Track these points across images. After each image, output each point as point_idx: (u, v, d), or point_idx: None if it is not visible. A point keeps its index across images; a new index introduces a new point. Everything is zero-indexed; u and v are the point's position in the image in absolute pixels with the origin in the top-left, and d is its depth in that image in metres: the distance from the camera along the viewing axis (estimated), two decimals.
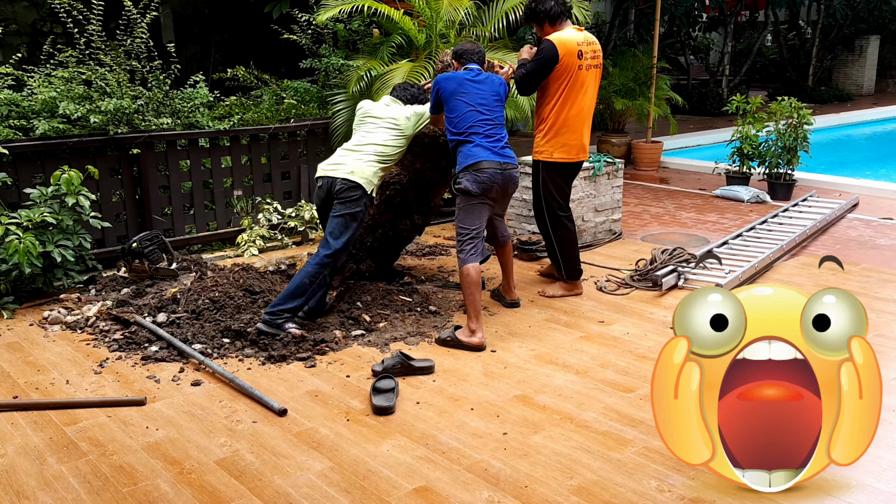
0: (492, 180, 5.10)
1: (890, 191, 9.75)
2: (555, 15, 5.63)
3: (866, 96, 21.77)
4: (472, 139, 5.15)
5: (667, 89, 12.00)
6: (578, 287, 6.00)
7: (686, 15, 17.33)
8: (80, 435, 3.90)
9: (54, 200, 5.82)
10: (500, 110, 5.32)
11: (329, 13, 7.67)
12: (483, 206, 5.20)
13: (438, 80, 5.36)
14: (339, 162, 5.25)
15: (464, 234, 5.17)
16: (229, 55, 12.94)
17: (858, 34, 21.78)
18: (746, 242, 7.14)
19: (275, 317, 4.99)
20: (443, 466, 3.59)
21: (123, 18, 7.00)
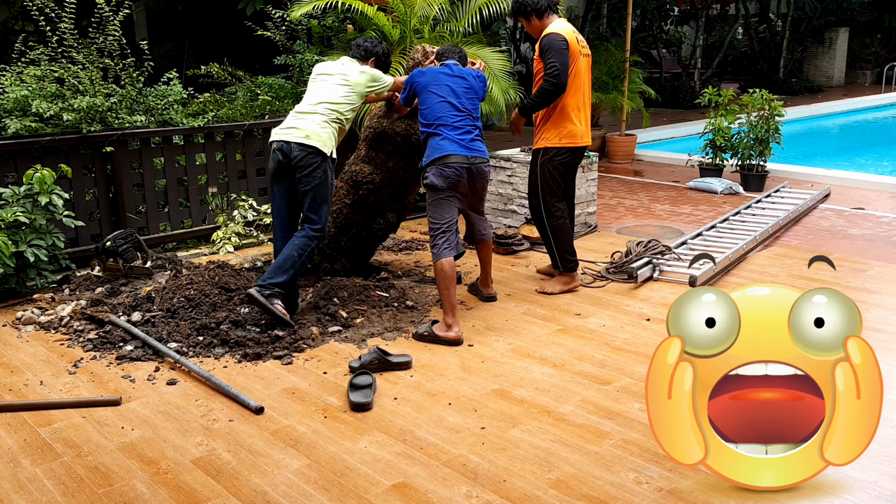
0: (458, 174, 5.11)
1: (861, 181, 9.87)
2: (542, 8, 5.67)
3: (836, 88, 21.98)
4: (440, 132, 5.15)
5: (640, 83, 12.06)
6: (576, 280, 5.99)
7: (658, 9, 17.42)
8: (54, 436, 3.87)
9: (27, 200, 5.77)
10: (472, 104, 5.30)
11: (303, 9, 7.65)
12: (451, 200, 5.20)
13: (413, 73, 5.36)
14: (293, 126, 5.16)
15: (435, 229, 5.18)
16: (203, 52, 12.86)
17: (828, 27, 21.98)
18: (720, 234, 7.20)
19: (264, 289, 4.98)
20: (421, 462, 3.60)
21: (96, 16, 6.94)
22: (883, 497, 3.35)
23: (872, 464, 3.55)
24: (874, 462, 3.57)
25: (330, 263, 5.95)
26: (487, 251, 5.69)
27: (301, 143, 5.06)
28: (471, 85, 5.32)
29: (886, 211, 8.42)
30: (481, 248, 5.67)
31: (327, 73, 5.39)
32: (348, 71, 5.36)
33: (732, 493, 3.37)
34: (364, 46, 5.56)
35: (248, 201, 7.39)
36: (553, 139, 5.69)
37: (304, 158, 5.07)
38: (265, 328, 5.04)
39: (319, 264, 5.89)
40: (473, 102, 5.32)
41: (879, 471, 3.51)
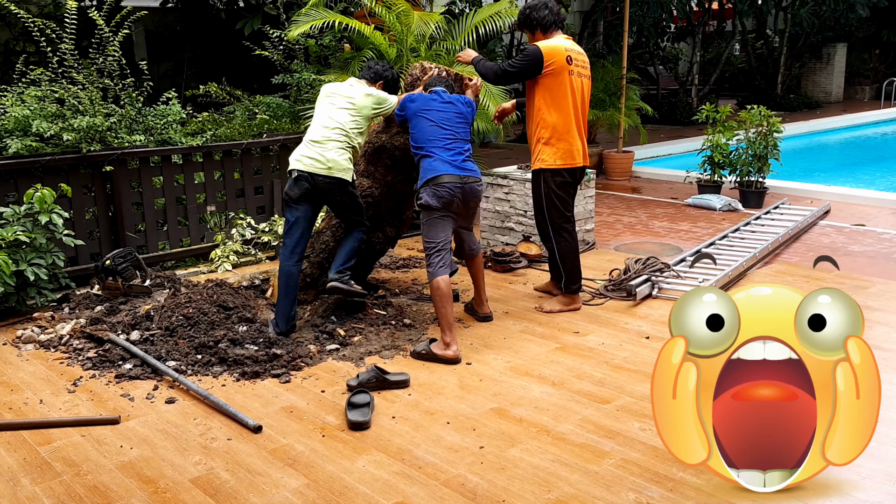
0: (451, 194, 5.14)
1: (861, 197, 9.88)
2: (547, 24, 5.70)
3: (835, 103, 22.05)
4: (432, 153, 5.20)
5: (637, 99, 12.10)
6: (577, 301, 5.98)
7: (654, 26, 17.50)
8: (53, 455, 3.87)
9: (27, 219, 5.78)
10: (462, 128, 5.36)
11: (300, 29, 7.68)
12: (445, 220, 5.23)
13: (404, 99, 5.43)
14: (314, 157, 5.24)
15: (430, 248, 5.21)
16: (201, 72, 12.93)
17: (825, 42, 22.07)
18: (719, 251, 7.20)
19: (342, 274, 5.36)
20: (419, 482, 3.60)
21: (96, 37, 6.98)
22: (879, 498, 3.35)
23: (877, 483, 3.55)
24: (878, 482, 3.56)
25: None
26: (479, 269, 5.66)
27: (326, 176, 5.21)
28: (460, 111, 5.38)
29: (887, 227, 8.43)
30: (471, 265, 5.66)
31: (335, 94, 5.45)
32: (355, 94, 5.42)
33: None
34: (374, 69, 5.64)
35: (247, 220, 7.41)
36: (549, 160, 5.69)
37: (332, 189, 5.28)
38: (263, 346, 5.05)
39: (318, 278, 5.89)
40: (464, 128, 5.38)
41: (884, 490, 3.50)
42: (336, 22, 7.75)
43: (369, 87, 5.52)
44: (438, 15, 8.19)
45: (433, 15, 8.14)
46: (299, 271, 5.38)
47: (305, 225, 5.38)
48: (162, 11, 13.39)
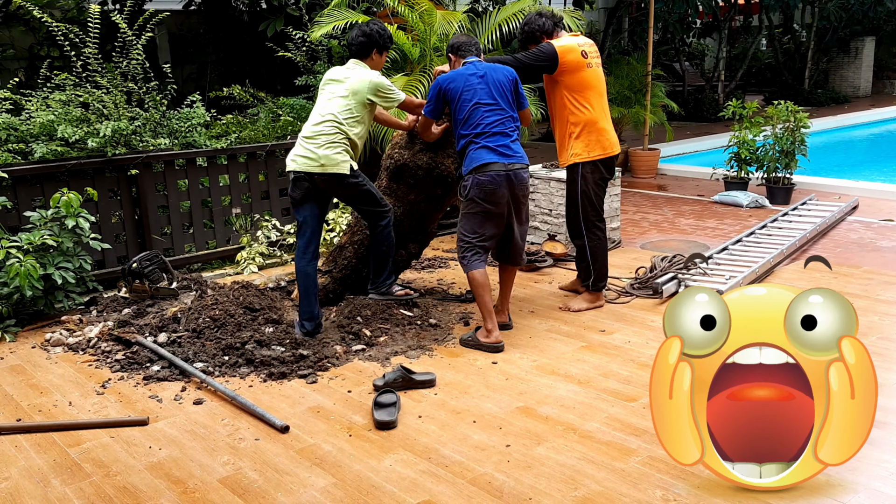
0: (495, 182, 4.99)
1: (890, 192, 9.75)
2: (549, 29, 5.67)
3: (863, 98, 21.80)
4: (478, 140, 5.03)
5: (662, 96, 12.02)
6: (601, 299, 5.97)
7: (680, 21, 17.38)
8: (83, 456, 3.90)
9: (54, 223, 5.84)
10: (506, 102, 5.14)
11: (323, 30, 7.71)
12: (486, 216, 5.08)
13: (441, 80, 5.18)
14: (305, 155, 5.14)
15: (464, 242, 5.12)
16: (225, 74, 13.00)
17: (853, 36, 21.82)
18: (746, 248, 7.14)
19: (379, 287, 5.48)
20: (446, 480, 3.59)
21: (119, 40, 7.03)
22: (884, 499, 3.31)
23: (878, 468, 3.51)
24: (874, 464, 3.52)
25: (353, 294, 5.89)
26: (510, 276, 5.52)
27: (321, 174, 5.13)
28: (499, 81, 5.16)
29: None
30: (504, 270, 5.52)
31: (332, 81, 5.33)
32: (352, 77, 5.25)
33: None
34: (355, 42, 5.33)
35: (272, 221, 7.44)
36: (583, 153, 5.65)
37: (331, 185, 5.20)
38: (290, 347, 5.06)
39: (341, 294, 5.87)
40: (507, 101, 5.15)
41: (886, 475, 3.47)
42: (359, 22, 7.76)
43: (367, 68, 5.32)
44: (461, 14, 8.19)
45: (456, 14, 8.13)
46: (315, 269, 5.37)
47: (315, 223, 5.33)
48: (185, 14, 13.47)
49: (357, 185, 5.26)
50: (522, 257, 5.47)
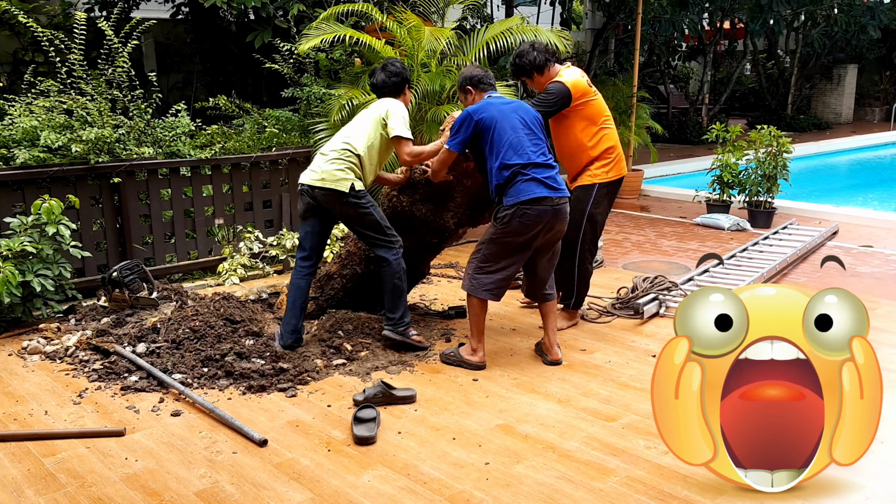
0: (540, 218, 4.80)
1: (869, 218, 9.85)
2: (540, 64, 5.59)
3: (845, 124, 22.04)
4: (527, 172, 4.81)
5: (647, 118, 12.11)
6: (577, 316, 6.01)
7: (665, 44, 17.54)
8: (58, 466, 3.85)
9: (34, 230, 5.79)
10: (543, 134, 5.03)
11: (311, 43, 7.71)
12: (518, 247, 4.91)
13: (470, 110, 4.94)
14: (312, 168, 5.22)
15: (483, 264, 4.96)
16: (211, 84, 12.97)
17: (836, 63, 22.10)
18: (727, 270, 7.18)
19: (397, 325, 5.26)
20: (424, 497, 3.57)
21: (105, 48, 7.01)
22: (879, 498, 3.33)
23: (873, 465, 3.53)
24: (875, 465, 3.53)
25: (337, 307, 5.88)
26: (550, 310, 5.24)
27: (320, 187, 5.12)
28: (534, 114, 5.08)
29: (895, 249, 8.39)
30: (543, 308, 5.25)
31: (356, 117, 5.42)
32: (374, 107, 5.32)
33: None
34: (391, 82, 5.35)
35: (255, 233, 7.41)
36: (601, 175, 5.66)
37: (330, 202, 5.14)
38: (270, 360, 5.03)
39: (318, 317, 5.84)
40: (542, 130, 5.05)
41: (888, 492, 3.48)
42: (347, 36, 7.78)
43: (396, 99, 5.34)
44: (450, 31, 8.21)
45: (444, 30, 8.16)
46: (308, 285, 5.35)
47: (315, 240, 5.34)
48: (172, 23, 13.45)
49: (357, 206, 5.13)
50: (553, 290, 5.29)
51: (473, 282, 5.00)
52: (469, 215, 5.72)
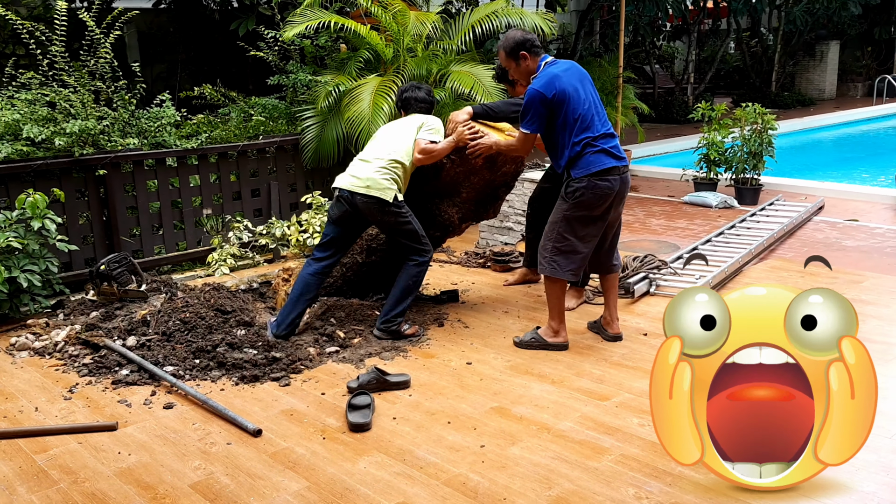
0: (611, 188, 4.78)
1: (854, 192, 9.89)
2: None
3: (828, 100, 22.06)
4: (597, 144, 4.76)
5: (633, 98, 12.08)
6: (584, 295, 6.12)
7: (650, 25, 17.50)
8: (50, 463, 3.83)
9: (19, 224, 5.74)
10: (599, 99, 4.94)
11: (296, 30, 7.66)
12: (594, 221, 4.87)
13: (541, 88, 4.75)
14: (355, 174, 5.21)
15: (560, 244, 4.88)
16: (196, 73, 12.89)
17: (819, 40, 22.10)
18: (716, 247, 7.19)
19: (389, 323, 5.25)
20: (421, 482, 3.57)
21: (87, 39, 6.94)
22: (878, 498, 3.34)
23: (870, 474, 3.55)
24: (872, 472, 3.55)
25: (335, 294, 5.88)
26: (613, 283, 5.30)
27: (362, 194, 5.12)
28: (585, 74, 4.95)
29: (880, 222, 8.42)
30: (606, 280, 5.30)
31: (391, 127, 5.48)
32: (412, 119, 5.41)
33: None
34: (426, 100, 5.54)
35: (244, 222, 7.37)
36: None
37: (368, 208, 5.15)
38: (262, 350, 5.02)
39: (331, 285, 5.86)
40: (598, 94, 4.96)
41: (878, 481, 3.50)
42: (332, 22, 7.74)
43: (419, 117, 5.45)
44: (435, 15, 8.18)
45: (429, 15, 8.12)
46: (318, 284, 5.33)
47: (338, 245, 5.37)
48: (154, 12, 13.35)
49: (398, 215, 5.19)
50: (619, 261, 5.31)
51: (554, 264, 4.92)
52: (473, 211, 5.80)
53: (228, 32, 11.16)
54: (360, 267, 5.81)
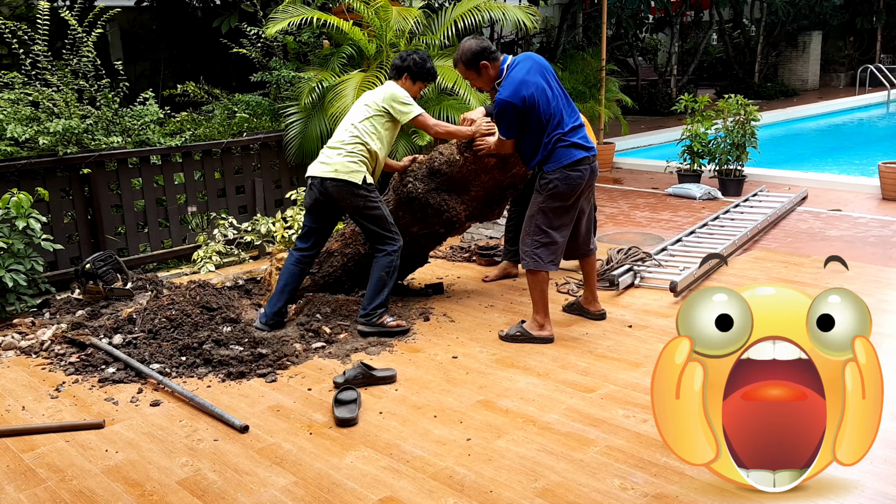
0: (582, 177, 4.94)
1: (837, 182, 9.96)
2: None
3: (811, 91, 22.16)
4: (567, 138, 4.92)
5: (616, 91, 12.13)
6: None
7: (632, 17, 17.53)
8: (37, 461, 3.84)
9: (4, 224, 5.73)
10: (563, 90, 5.08)
11: (278, 26, 7.65)
12: (566, 209, 5.01)
13: (509, 96, 4.81)
14: (322, 161, 5.26)
15: (540, 238, 5.00)
16: (179, 71, 12.85)
17: (801, 30, 22.19)
18: (700, 239, 7.24)
19: (370, 317, 5.25)
20: (407, 476, 3.59)
21: (69, 38, 6.92)
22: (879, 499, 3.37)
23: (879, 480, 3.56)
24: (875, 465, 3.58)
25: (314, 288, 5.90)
26: (593, 265, 5.51)
27: (331, 178, 5.15)
28: (548, 67, 5.06)
29: (863, 212, 8.49)
30: (586, 262, 5.50)
31: (365, 97, 5.41)
32: (377, 92, 5.36)
33: (719, 496, 3.38)
34: (393, 65, 5.41)
35: (229, 219, 7.37)
36: None
37: (340, 193, 5.17)
38: (248, 346, 5.03)
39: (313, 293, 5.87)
40: (561, 85, 5.09)
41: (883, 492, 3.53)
42: (314, 18, 7.73)
43: (396, 84, 5.36)
44: (417, 10, 8.18)
45: (412, 10, 8.13)
46: (300, 273, 5.41)
47: (318, 236, 5.44)
48: (137, 10, 13.30)
49: (367, 198, 5.19)
50: (594, 245, 5.52)
51: (535, 258, 5.03)
52: (480, 210, 5.86)
53: (211, 30, 11.13)
54: (361, 258, 5.82)
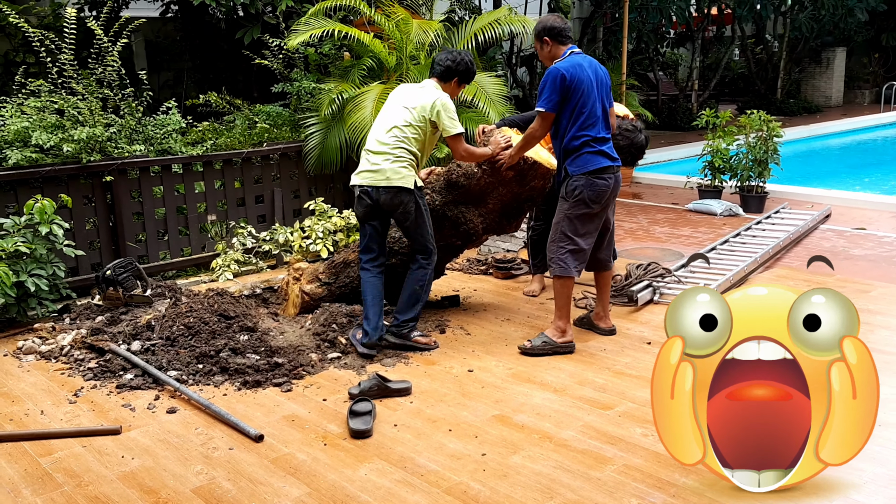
0: (608, 185, 5.01)
1: (862, 201, 9.86)
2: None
3: (835, 108, 22.02)
4: (595, 145, 4.96)
5: (637, 105, 12.11)
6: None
7: (654, 31, 17.51)
8: (55, 466, 3.86)
9: (27, 230, 5.78)
10: (608, 103, 5.11)
11: (300, 38, 7.70)
12: (593, 218, 5.07)
13: (561, 68, 4.88)
14: (371, 169, 5.10)
15: (565, 243, 5.05)
16: (201, 81, 12.93)
17: (825, 47, 22.07)
18: (721, 255, 7.20)
19: (401, 328, 5.23)
20: (422, 490, 3.58)
21: (95, 47, 6.99)
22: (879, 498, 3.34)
23: (879, 487, 3.54)
24: (881, 486, 3.55)
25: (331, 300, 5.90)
26: (607, 280, 5.51)
27: (384, 187, 5.05)
28: (604, 77, 5.11)
29: (888, 231, 8.41)
30: (601, 277, 5.49)
31: (402, 94, 5.24)
32: (424, 93, 5.15)
33: None
34: (443, 65, 5.23)
35: (247, 228, 7.40)
36: None
37: (392, 201, 5.08)
38: (264, 355, 5.04)
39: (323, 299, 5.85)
40: (607, 99, 5.12)
41: (886, 495, 3.49)
42: (335, 30, 7.77)
43: (441, 89, 5.20)
44: (438, 23, 8.21)
45: (432, 23, 8.16)
46: (383, 283, 5.29)
47: (378, 241, 5.29)
48: (161, 21, 13.40)
49: (416, 206, 5.11)
50: (612, 260, 5.57)
51: (562, 264, 5.07)
52: (497, 222, 5.84)
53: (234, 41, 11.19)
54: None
